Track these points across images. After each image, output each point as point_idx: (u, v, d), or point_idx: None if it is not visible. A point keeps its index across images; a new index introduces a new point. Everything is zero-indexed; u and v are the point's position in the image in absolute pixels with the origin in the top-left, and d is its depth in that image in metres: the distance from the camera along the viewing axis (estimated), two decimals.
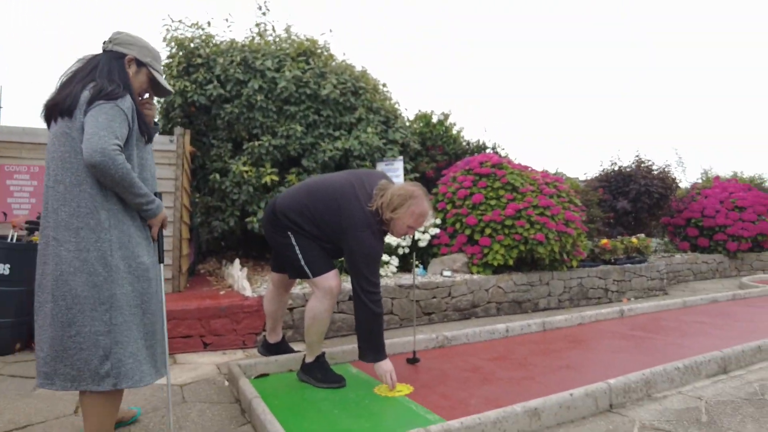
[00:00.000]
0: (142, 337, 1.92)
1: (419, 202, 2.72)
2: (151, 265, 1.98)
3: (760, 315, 4.92)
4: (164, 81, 2.15)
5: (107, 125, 1.78)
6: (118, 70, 1.97)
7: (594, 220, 7.55)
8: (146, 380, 1.91)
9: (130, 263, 1.89)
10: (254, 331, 3.93)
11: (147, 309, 1.94)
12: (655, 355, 3.41)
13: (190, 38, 5.63)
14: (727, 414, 2.42)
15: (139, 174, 1.94)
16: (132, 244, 1.90)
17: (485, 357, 3.46)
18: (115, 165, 1.76)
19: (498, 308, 5.24)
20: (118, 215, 1.88)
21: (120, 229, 1.88)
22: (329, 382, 2.81)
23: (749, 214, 8.61)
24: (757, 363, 3.28)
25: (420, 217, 2.75)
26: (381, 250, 2.79)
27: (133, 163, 1.92)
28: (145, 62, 2.07)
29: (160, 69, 2.15)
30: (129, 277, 1.88)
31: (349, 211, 2.70)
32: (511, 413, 2.18)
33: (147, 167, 2.01)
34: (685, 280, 8.02)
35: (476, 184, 5.81)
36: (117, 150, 1.77)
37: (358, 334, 2.78)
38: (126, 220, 1.90)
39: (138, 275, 1.91)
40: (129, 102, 1.90)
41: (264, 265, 5.73)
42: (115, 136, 1.78)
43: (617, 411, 2.48)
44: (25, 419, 2.46)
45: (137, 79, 2.06)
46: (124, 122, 1.85)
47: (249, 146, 5.23)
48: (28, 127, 4.50)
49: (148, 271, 1.94)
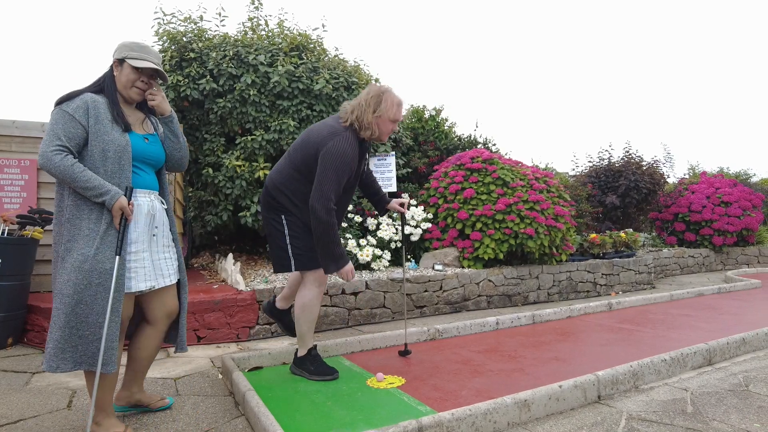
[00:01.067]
0: (69, 325, 1.99)
1: (391, 93, 2.77)
2: (95, 258, 2.01)
3: (745, 308, 5.02)
4: (145, 63, 2.19)
5: (50, 129, 2.03)
6: (102, 76, 2.22)
7: (583, 214, 7.64)
8: (62, 368, 1.99)
9: (73, 254, 2.02)
10: (248, 324, 3.95)
11: (81, 299, 2.00)
12: (643, 348, 3.47)
13: (182, 32, 5.59)
14: (712, 405, 2.48)
15: (102, 167, 2.07)
16: (79, 237, 2.03)
17: (476, 349, 3.51)
18: (53, 164, 1.98)
19: (488, 301, 5.30)
20: (74, 210, 2.06)
21: (72, 223, 2.05)
22: (322, 375, 2.83)
23: (735, 210, 8.74)
24: (741, 355, 3.36)
25: (400, 107, 2.80)
26: (352, 156, 2.68)
27: (94, 157, 2.07)
28: (122, 57, 2.19)
29: (140, 55, 2.20)
30: (68, 267, 2.01)
31: (317, 133, 2.72)
32: (501, 405, 2.23)
33: (110, 158, 2.08)
34: (672, 274, 8.14)
35: (467, 179, 5.85)
36: (56, 150, 1.99)
37: (318, 249, 2.67)
38: (82, 215, 2.05)
39: (76, 266, 2.01)
40: (81, 101, 2.08)
41: (257, 259, 5.74)
42: (57, 138, 2.00)
43: (605, 402, 2.54)
44: (17, 414, 2.46)
45: (123, 75, 2.19)
46: (70, 122, 2.04)
47: (242, 141, 5.22)
48: (19, 120, 4.46)
49: (85, 263, 2.00)
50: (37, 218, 3.93)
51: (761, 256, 9.32)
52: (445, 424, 2.06)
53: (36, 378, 3.01)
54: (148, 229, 2.22)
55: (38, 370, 3.15)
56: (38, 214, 3.98)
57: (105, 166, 2.07)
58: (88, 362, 2.02)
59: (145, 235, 2.21)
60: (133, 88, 2.20)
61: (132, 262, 2.15)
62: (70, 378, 3.01)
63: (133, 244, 2.15)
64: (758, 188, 10.65)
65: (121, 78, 2.18)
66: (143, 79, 2.22)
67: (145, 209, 2.20)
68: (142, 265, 2.18)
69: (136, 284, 2.16)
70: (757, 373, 2.97)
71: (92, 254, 2.01)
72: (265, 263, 5.51)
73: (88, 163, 2.06)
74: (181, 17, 5.77)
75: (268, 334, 4.02)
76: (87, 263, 2.00)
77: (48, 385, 2.87)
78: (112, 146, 2.08)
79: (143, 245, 2.19)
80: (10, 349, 3.62)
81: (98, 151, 2.06)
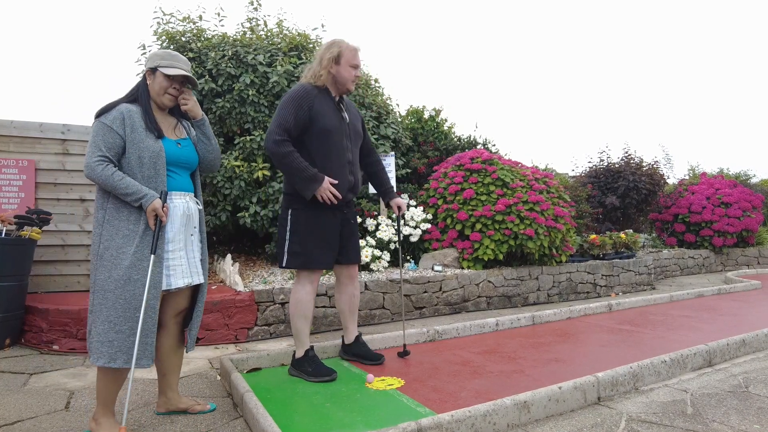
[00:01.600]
0: (109, 319, 2.10)
1: (342, 41, 2.89)
2: (134, 255, 2.14)
3: (745, 309, 5.01)
4: (177, 70, 2.33)
5: (92, 141, 2.19)
6: (136, 86, 2.35)
7: (583, 215, 7.63)
8: (101, 361, 2.09)
9: (112, 253, 2.15)
10: (246, 325, 3.94)
11: (120, 295, 2.11)
12: (643, 349, 3.47)
13: (181, 32, 5.58)
14: (711, 406, 2.47)
15: (139, 172, 2.20)
16: (117, 237, 2.16)
17: (475, 350, 3.50)
18: (96, 174, 2.14)
19: (488, 302, 5.29)
20: (113, 212, 2.19)
21: (112, 224, 2.18)
22: (320, 376, 2.82)
23: (735, 210, 8.73)
24: (741, 356, 3.35)
25: (355, 52, 2.89)
26: (302, 96, 2.80)
27: (131, 163, 2.21)
28: (154, 66, 2.32)
29: (171, 63, 2.34)
30: (108, 265, 2.14)
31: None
32: (501, 406, 2.22)
33: (146, 164, 2.21)
34: (672, 275, 8.13)
35: (467, 180, 5.84)
36: (98, 161, 2.15)
37: (294, 183, 2.80)
38: (121, 216, 2.18)
39: (116, 264, 2.14)
40: (117, 112, 2.21)
41: (256, 260, 5.73)
42: (98, 149, 2.17)
43: (605, 404, 2.53)
44: (15, 415, 2.45)
45: (156, 83, 2.33)
46: (108, 133, 2.18)
47: (241, 141, 5.21)
48: (17, 120, 4.45)
49: (125, 261, 2.13)
50: (35, 219, 3.92)
51: (761, 257, 9.32)
52: (444, 426, 2.05)
53: (34, 379, 3.00)
54: (184, 229, 2.34)
55: (36, 371, 3.14)
56: (36, 214, 3.97)
57: (141, 171, 2.21)
58: (123, 358, 2.11)
59: (182, 235, 2.33)
60: (165, 94, 2.34)
61: (170, 260, 2.27)
62: (68, 379, 3.00)
63: (170, 243, 2.27)
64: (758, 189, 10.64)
65: (154, 86, 2.33)
66: (175, 86, 2.36)
67: (181, 210, 2.32)
68: (179, 263, 2.31)
69: (175, 281, 2.28)
70: (757, 374, 2.96)
71: (132, 252, 2.15)
72: (263, 264, 5.50)
73: (126, 169, 2.20)
74: (179, 17, 5.77)
75: (267, 335, 4.02)
76: (127, 260, 2.14)
77: (46, 386, 2.86)
78: (147, 153, 2.22)
79: (180, 244, 2.32)
80: (8, 350, 3.61)
81: (135, 158, 2.21)
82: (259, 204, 5.29)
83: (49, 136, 4.53)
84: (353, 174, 2.97)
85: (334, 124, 2.86)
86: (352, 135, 2.99)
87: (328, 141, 2.84)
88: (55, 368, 3.21)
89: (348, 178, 2.92)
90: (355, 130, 3.04)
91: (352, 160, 2.98)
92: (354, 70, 2.88)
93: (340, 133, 2.90)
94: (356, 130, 3.05)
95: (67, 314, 3.60)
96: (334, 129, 2.85)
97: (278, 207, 5.16)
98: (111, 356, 2.09)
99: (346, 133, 2.95)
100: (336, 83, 2.91)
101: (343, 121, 2.93)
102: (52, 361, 3.38)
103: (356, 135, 3.04)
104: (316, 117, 2.80)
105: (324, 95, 2.88)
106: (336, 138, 2.87)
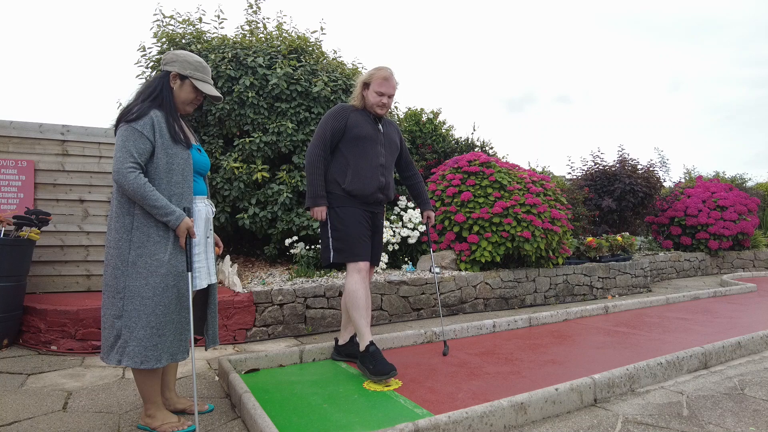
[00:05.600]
0: (150, 325, 2.13)
1: (378, 69, 3.10)
2: (170, 263, 2.17)
3: (740, 312, 5.04)
4: (209, 88, 2.37)
5: (123, 146, 2.13)
6: (161, 88, 2.29)
7: (579, 218, 7.65)
8: (148, 364, 2.13)
9: (146, 260, 2.14)
10: (245, 326, 3.94)
11: (159, 301, 2.14)
12: (639, 351, 3.48)
13: (181, 34, 5.59)
14: (707, 408, 2.49)
15: (166, 178, 2.19)
16: (149, 243, 2.16)
17: (472, 352, 3.51)
18: (127, 182, 2.09)
19: (485, 304, 5.30)
20: (141, 219, 2.16)
21: (141, 231, 2.16)
22: (380, 375, 2.80)
23: (730, 214, 8.78)
24: (736, 359, 3.37)
25: (383, 80, 3.06)
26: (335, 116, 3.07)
27: (159, 170, 2.18)
28: (186, 74, 2.31)
29: (203, 77, 2.36)
30: (143, 272, 2.14)
31: None
32: (497, 407, 2.23)
33: (175, 171, 2.22)
34: (668, 278, 8.16)
35: (465, 182, 5.87)
36: (130, 168, 2.10)
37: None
38: (150, 222, 2.17)
39: (152, 270, 2.14)
40: (148, 119, 2.18)
41: (255, 261, 5.73)
42: (130, 155, 2.12)
43: (601, 405, 2.54)
44: (12, 416, 2.45)
45: (183, 91, 2.33)
46: (140, 138, 2.15)
47: (240, 143, 5.22)
48: (17, 121, 4.45)
49: (161, 267, 2.15)
50: (34, 219, 3.92)
51: (756, 260, 9.36)
52: (441, 427, 2.06)
53: (31, 380, 3.00)
54: (204, 232, 2.39)
55: (34, 372, 3.14)
56: (35, 215, 3.97)
57: (170, 177, 2.21)
58: (166, 357, 2.18)
59: (203, 238, 2.38)
60: (191, 104, 2.38)
61: (196, 263, 2.32)
62: (65, 380, 3.00)
63: (195, 246, 2.31)
64: (753, 192, 10.69)
65: (180, 94, 2.33)
66: (200, 97, 2.39)
67: (204, 214, 2.38)
68: (202, 265, 2.37)
69: (200, 282, 2.35)
70: (753, 376, 2.98)
71: (167, 259, 2.17)
72: (262, 265, 5.51)
73: (153, 175, 2.19)
74: (179, 19, 5.78)
75: (265, 336, 4.02)
76: (163, 267, 2.15)
77: (43, 387, 2.86)
78: (177, 159, 2.23)
79: (202, 247, 2.37)
80: (6, 351, 3.60)
81: (163, 164, 2.20)
82: (258, 205, 5.30)
83: (48, 137, 4.53)
84: (384, 176, 3.14)
85: (368, 132, 3.08)
86: (386, 144, 3.19)
87: (362, 145, 3.06)
88: (52, 369, 3.22)
89: (379, 178, 3.09)
90: (391, 140, 3.24)
91: (385, 164, 3.16)
92: (380, 97, 3.07)
93: (374, 141, 3.10)
94: (392, 140, 3.25)
95: (65, 315, 3.60)
96: (367, 136, 3.07)
97: (276, 208, 5.18)
98: (157, 358, 2.15)
99: (381, 141, 3.15)
100: (366, 106, 3.14)
101: (378, 132, 3.14)
102: (50, 361, 3.38)
103: (392, 145, 3.24)
104: (351, 126, 3.05)
105: (361, 112, 3.13)
106: (369, 143, 3.07)
